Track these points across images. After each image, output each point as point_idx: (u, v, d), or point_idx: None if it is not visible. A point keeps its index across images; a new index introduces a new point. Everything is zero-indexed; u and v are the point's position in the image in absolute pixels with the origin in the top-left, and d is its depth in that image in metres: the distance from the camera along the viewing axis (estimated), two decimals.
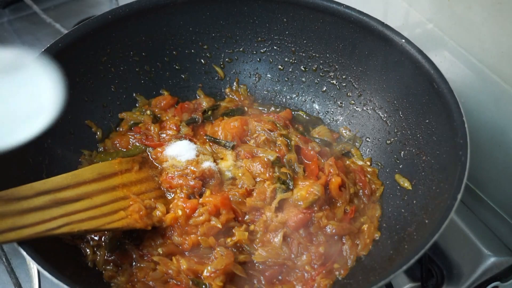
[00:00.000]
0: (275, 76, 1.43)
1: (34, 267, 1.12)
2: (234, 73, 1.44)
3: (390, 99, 1.26)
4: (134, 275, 1.06)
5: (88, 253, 1.08)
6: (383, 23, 1.21)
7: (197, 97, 1.41)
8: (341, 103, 1.36)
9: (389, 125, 1.27)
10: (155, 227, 1.09)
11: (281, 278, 1.07)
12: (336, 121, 1.37)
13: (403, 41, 1.17)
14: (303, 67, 1.40)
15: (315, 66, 1.38)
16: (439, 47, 1.26)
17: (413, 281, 1.19)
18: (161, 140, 1.28)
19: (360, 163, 1.28)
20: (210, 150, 1.24)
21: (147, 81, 1.37)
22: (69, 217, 0.95)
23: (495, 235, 1.26)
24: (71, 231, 0.95)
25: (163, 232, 1.10)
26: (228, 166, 1.20)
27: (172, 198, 1.15)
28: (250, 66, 1.43)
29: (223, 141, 1.24)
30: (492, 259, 1.17)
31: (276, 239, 1.09)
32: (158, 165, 1.22)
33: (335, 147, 1.31)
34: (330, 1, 1.26)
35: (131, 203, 1.08)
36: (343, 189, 1.17)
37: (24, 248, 0.88)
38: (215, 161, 1.21)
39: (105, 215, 1.02)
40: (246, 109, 1.38)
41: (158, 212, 1.10)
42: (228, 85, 1.43)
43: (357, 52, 1.29)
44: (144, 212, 1.07)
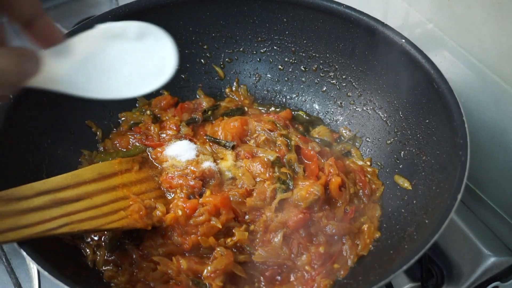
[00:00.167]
0: (275, 76, 1.43)
1: (34, 267, 1.12)
2: (234, 73, 1.44)
3: (390, 99, 1.26)
4: (134, 275, 1.05)
5: (88, 253, 1.08)
6: (383, 23, 1.21)
7: (197, 97, 1.41)
8: (341, 103, 1.36)
9: (389, 125, 1.27)
10: (155, 227, 1.09)
11: (281, 278, 1.07)
12: (336, 121, 1.37)
13: (403, 41, 1.17)
14: (303, 67, 1.40)
15: (315, 66, 1.38)
16: (439, 47, 1.25)
17: (413, 281, 1.19)
18: (161, 140, 1.28)
19: (360, 163, 1.28)
20: (210, 150, 1.24)
21: None
22: (69, 217, 0.95)
23: (495, 235, 1.26)
24: (71, 231, 0.95)
25: (163, 232, 1.10)
26: (228, 166, 1.20)
27: (172, 198, 1.15)
28: (250, 66, 1.43)
29: (223, 141, 1.24)
30: (492, 259, 1.17)
31: (276, 239, 1.09)
32: (158, 165, 1.22)
33: (335, 147, 1.31)
34: (330, 1, 1.26)
35: (131, 203, 1.08)
36: (343, 189, 1.17)
37: (24, 248, 0.88)
38: (215, 161, 1.21)
39: (105, 215, 1.02)
40: (246, 109, 1.38)
41: (158, 212, 1.09)
42: (228, 85, 1.43)
43: (357, 52, 1.29)
44: (144, 212, 1.07)
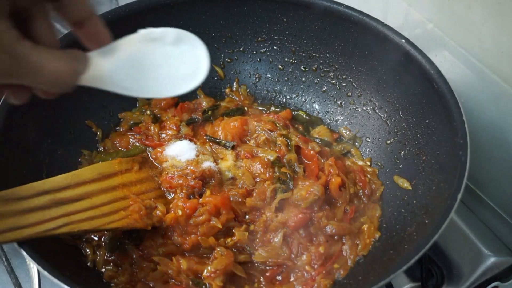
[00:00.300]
0: (275, 76, 1.43)
1: (34, 267, 1.12)
2: (234, 73, 1.44)
3: (390, 99, 1.26)
4: (134, 275, 1.05)
5: (88, 253, 1.08)
6: (383, 23, 1.21)
7: (197, 97, 1.41)
8: (341, 103, 1.36)
9: (389, 125, 1.27)
10: (155, 227, 1.09)
11: (281, 278, 1.07)
12: (336, 121, 1.37)
13: (403, 41, 1.17)
14: (303, 67, 1.40)
15: (315, 66, 1.38)
16: (439, 47, 1.25)
17: (413, 281, 1.19)
18: (161, 140, 1.28)
19: (360, 163, 1.28)
20: (210, 150, 1.24)
21: None
22: (69, 217, 0.95)
23: (495, 235, 1.26)
24: (71, 231, 0.95)
25: (163, 232, 1.10)
26: (228, 166, 1.20)
27: (172, 198, 1.15)
28: (250, 66, 1.43)
29: (223, 141, 1.24)
30: (492, 259, 1.17)
31: (276, 239, 1.09)
32: (158, 165, 1.22)
33: (335, 147, 1.31)
34: (330, 1, 1.26)
35: (131, 203, 1.07)
36: (343, 189, 1.17)
37: (24, 248, 0.88)
38: (215, 161, 1.21)
39: (105, 215, 1.02)
40: (246, 109, 1.38)
41: (158, 212, 1.09)
42: (228, 85, 1.43)
43: (357, 52, 1.29)
44: (144, 212, 1.07)
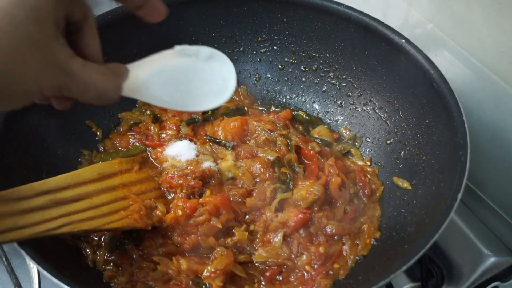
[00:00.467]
0: (275, 76, 1.43)
1: (34, 267, 1.12)
2: None
3: (390, 99, 1.26)
4: (134, 275, 1.05)
5: (88, 253, 1.08)
6: (383, 23, 1.21)
7: None
8: (341, 103, 1.36)
9: (389, 125, 1.27)
10: (155, 227, 1.09)
11: (281, 278, 1.07)
12: (336, 121, 1.37)
13: (403, 41, 1.17)
14: (303, 67, 1.40)
15: (315, 66, 1.38)
16: (439, 47, 1.25)
17: (413, 281, 1.19)
18: (161, 140, 1.28)
19: (360, 163, 1.28)
20: (210, 150, 1.24)
21: None
22: (69, 217, 0.95)
23: (495, 235, 1.26)
24: (71, 231, 0.95)
25: (163, 232, 1.10)
26: (228, 166, 1.20)
27: (172, 198, 1.15)
28: (250, 66, 1.43)
29: (223, 141, 1.24)
30: (492, 259, 1.17)
31: (276, 239, 1.09)
32: (158, 165, 1.22)
33: (335, 147, 1.31)
34: (330, 1, 1.26)
35: (131, 203, 1.07)
36: (343, 189, 1.17)
37: (24, 248, 0.88)
38: (215, 161, 1.21)
39: (105, 215, 1.02)
40: (246, 109, 1.38)
41: (158, 212, 1.09)
42: None
43: (357, 52, 1.29)
44: (144, 212, 1.07)
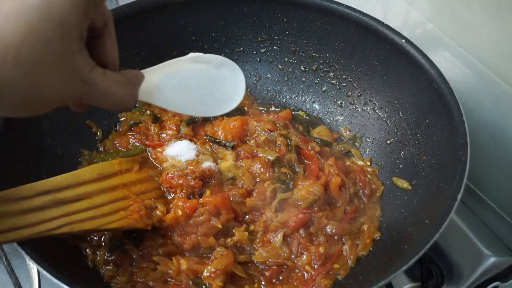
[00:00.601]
0: (275, 76, 1.43)
1: (34, 267, 1.12)
2: None
3: (390, 99, 1.26)
4: (134, 275, 1.05)
5: (88, 253, 1.07)
6: (383, 23, 1.21)
7: None
8: (341, 103, 1.36)
9: (389, 125, 1.27)
10: (155, 227, 1.09)
11: (281, 278, 1.07)
12: (336, 121, 1.37)
13: (403, 41, 1.17)
14: (303, 67, 1.40)
15: (315, 66, 1.38)
16: (439, 47, 1.25)
17: (413, 281, 1.19)
18: (161, 140, 1.28)
19: (360, 163, 1.28)
20: (210, 150, 1.24)
21: None
22: (69, 217, 0.95)
23: (495, 235, 1.26)
24: (71, 231, 0.95)
25: (163, 232, 1.10)
26: (228, 166, 1.20)
27: (172, 198, 1.15)
28: (250, 66, 1.43)
29: (223, 141, 1.24)
30: (492, 259, 1.17)
31: (276, 239, 1.09)
32: (158, 165, 1.22)
33: (335, 147, 1.31)
34: (330, 1, 1.26)
35: (131, 203, 1.07)
36: (343, 189, 1.17)
37: (24, 248, 0.88)
38: (215, 161, 1.21)
39: (105, 215, 1.02)
40: (246, 109, 1.38)
41: (158, 212, 1.09)
42: None
43: (357, 52, 1.29)
44: (144, 212, 1.07)
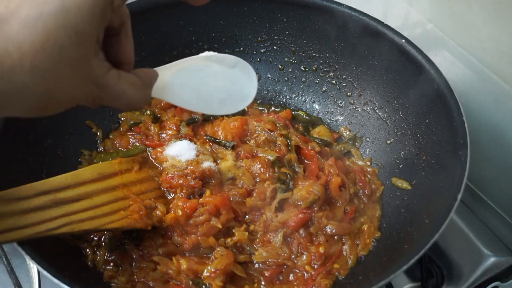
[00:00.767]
0: (275, 76, 1.43)
1: (34, 267, 1.12)
2: None
3: (390, 99, 1.26)
4: (134, 275, 1.05)
5: (88, 253, 1.07)
6: (383, 23, 1.21)
7: None
8: (341, 103, 1.36)
9: (389, 125, 1.27)
10: (155, 227, 1.09)
11: (281, 278, 1.07)
12: (336, 121, 1.37)
13: (403, 41, 1.17)
14: (303, 67, 1.40)
15: (315, 66, 1.38)
16: (439, 47, 1.25)
17: (413, 281, 1.19)
18: (161, 140, 1.28)
19: (360, 163, 1.28)
20: (210, 150, 1.24)
21: None
22: (69, 217, 0.95)
23: (495, 235, 1.26)
24: (71, 231, 0.95)
25: (163, 232, 1.10)
26: (228, 166, 1.20)
27: (172, 198, 1.15)
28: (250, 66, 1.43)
29: (223, 141, 1.24)
30: (492, 259, 1.17)
31: (276, 239, 1.09)
32: (158, 165, 1.22)
33: (335, 147, 1.31)
34: (330, 1, 1.26)
35: (131, 203, 1.07)
36: (343, 189, 1.17)
37: (24, 248, 0.88)
38: (215, 161, 1.21)
39: (105, 215, 1.02)
40: (246, 109, 1.38)
41: (158, 212, 1.09)
42: None
43: (357, 52, 1.29)
44: (144, 212, 1.07)
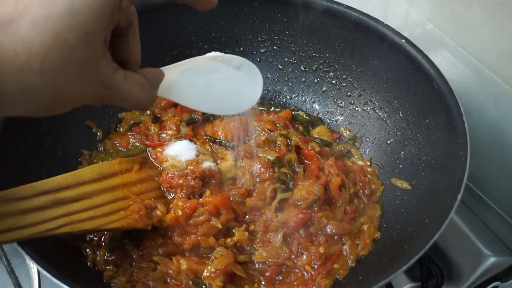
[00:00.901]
0: (275, 76, 1.43)
1: (34, 267, 1.12)
2: None
3: (390, 99, 1.26)
4: (134, 275, 1.05)
5: (88, 253, 1.07)
6: (383, 23, 1.21)
7: None
8: (341, 103, 1.36)
9: (389, 125, 1.27)
10: (155, 227, 1.09)
11: (281, 278, 1.07)
12: (336, 121, 1.37)
13: (403, 41, 1.17)
14: (303, 67, 1.40)
15: (315, 66, 1.38)
16: (439, 47, 1.25)
17: (413, 281, 1.19)
18: (161, 140, 1.28)
19: (360, 163, 1.28)
20: (210, 150, 1.24)
21: None
22: (69, 217, 0.95)
23: (495, 235, 1.26)
24: (71, 231, 0.95)
25: (163, 232, 1.10)
26: (228, 166, 1.20)
27: (172, 198, 1.15)
28: None
29: (223, 141, 1.24)
30: (492, 259, 1.17)
31: (276, 239, 1.09)
32: (158, 165, 1.22)
33: (335, 147, 1.31)
34: (330, 1, 1.26)
35: (131, 203, 1.08)
36: (343, 189, 1.17)
37: (24, 248, 0.88)
38: (215, 161, 1.21)
39: (105, 215, 1.02)
40: None
41: (158, 212, 1.09)
42: None
43: (357, 52, 1.29)
44: (144, 212, 1.07)
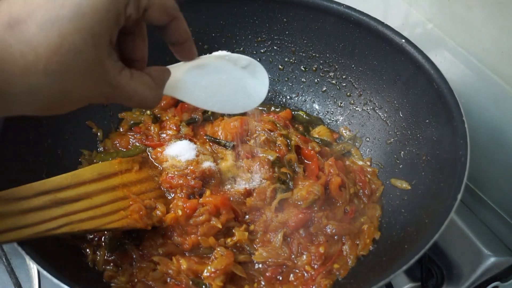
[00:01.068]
0: (275, 76, 1.43)
1: (34, 267, 1.12)
2: None
3: (390, 99, 1.26)
4: (134, 275, 1.05)
5: (88, 253, 1.07)
6: (383, 23, 1.21)
7: None
8: (341, 103, 1.36)
9: (389, 125, 1.27)
10: (155, 227, 1.09)
11: (281, 278, 1.07)
12: (336, 121, 1.37)
13: (403, 41, 1.17)
14: (303, 67, 1.40)
15: (315, 66, 1.38)
16: (439, 47, 1.25)
17: (413, 281, 1.19)
18: (161, 140, 1.28)
19: (360, 163, 1.28)
20: (210, 150, 1.24)
21: None
22: (69, 217, 0.95)
23: (495, 235, 1.26)
24: (71, 231, 0.95)
25: (163, 232, 1.10)
26: (228, 166, 1.20)
27: (172, 198, 1.15)
28: None
29: (223, 141, 1.24)
30: (492, 259, 1.17)
31: (276, 239, 1.09)
32: (158, 165, 1.22)
33: (335, 147, 1.31)
34: (330, 1, 1.26)
35: (131, 203, 1.08)
36: (343, 189, 1.17)
37: (24, 248, 0.88)
38: (215, 161, 1.21)
39: (105, 215, 1.02)
40: None
41: (158, 212, 1.09)
42: None
43: (357, 52, 1.29)
44: (144, 212, 1.07)
